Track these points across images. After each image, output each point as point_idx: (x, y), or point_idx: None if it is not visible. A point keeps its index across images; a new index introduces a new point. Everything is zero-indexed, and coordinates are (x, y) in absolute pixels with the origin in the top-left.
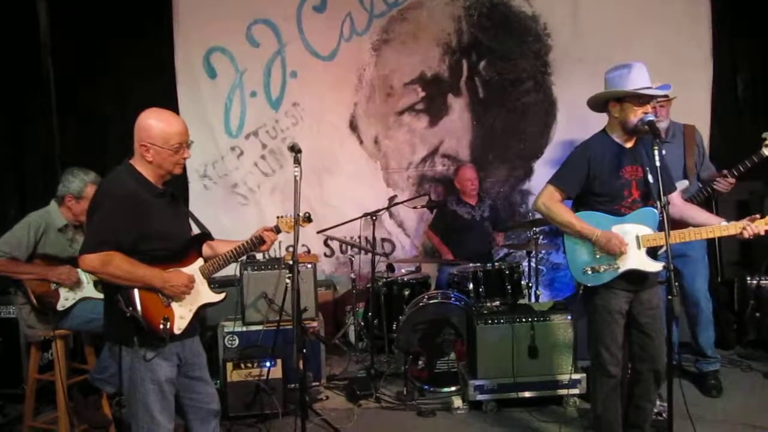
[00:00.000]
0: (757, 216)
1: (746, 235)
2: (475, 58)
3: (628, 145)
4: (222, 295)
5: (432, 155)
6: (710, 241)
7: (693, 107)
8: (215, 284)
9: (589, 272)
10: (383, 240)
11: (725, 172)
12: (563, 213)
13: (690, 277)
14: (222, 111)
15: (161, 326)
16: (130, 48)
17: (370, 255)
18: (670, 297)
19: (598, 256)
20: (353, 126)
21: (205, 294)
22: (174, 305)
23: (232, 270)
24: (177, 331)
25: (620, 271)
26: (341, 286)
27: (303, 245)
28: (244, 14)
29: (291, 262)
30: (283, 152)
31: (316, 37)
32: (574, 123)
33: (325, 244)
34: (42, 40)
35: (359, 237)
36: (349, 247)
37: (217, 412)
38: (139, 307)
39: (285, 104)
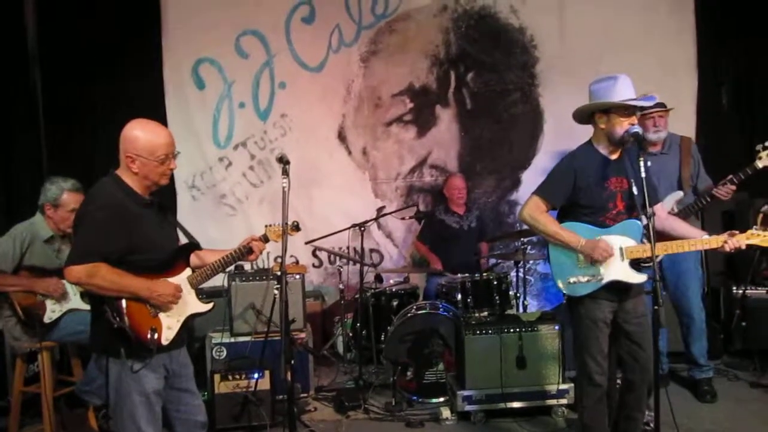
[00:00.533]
0: (736, 232)
1: (727, 248)
2: (462, 70)
3: (614, 156)
4: (210, 305)
5: (420, 166)
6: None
7: (679, 117)
8: (203, 294)
9: (573, 282)
10: (371, 251)
11: (731, 177)
12: (548, 223)
13: (683, 288)
14: (210, 122)
15: (149, 337)
16: (119, 59)
17: (358, 266)
18: (656, 307)
19: (581, 267)
20: (342, 137)
21: (192, 304)
22: (161, 316)
23: (220, 281)
24: (164, 341)
25: (603, 282)
26: (329, 297)
27: (291, 256)
28: (232, 25)
29: (279, 273)
30: (271, 163)
31: (304, 48)
32: (561, 134)
33: (314, 254)
34: (30, 50)
35: (348, 248)
36: (337, 258)
37: (204, 423)
38: (126, 318)
39: (273, 115)
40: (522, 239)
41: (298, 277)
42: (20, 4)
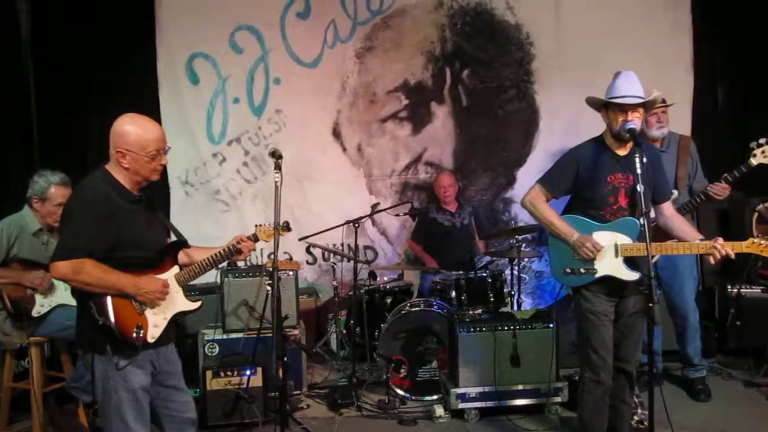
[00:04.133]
0: (720, 239)
1: (713, 261)
2: (458, 67)
3: (621, 152)
4: (197, 304)
5: (415, 163)
6: None
7: (674, 117)
8: (195, 292)
9: (568, 272)
10: (366, 247)
11: (725, 175)
12: (546, 213)
13: (678, 288)
14: (204, 117)
15: (134, 334)
16: (112, 51)
17: (352, 263)
18: (650, 305)
19: (575, 259)
20: (336, 133)
21: (180, 302)
22: (148, 313)
23: (212, 277)
24: (150, 339)
25: (597, 275)
26: (323, 294)
27: (285, 252)
28: (227, 20)
29: (272, 269)
30: (265, 159)
31: (299, 43)
32: (557, 131)
33: (308, 251)
34: (23, 41)
35: (342, 244)
36: (331, 255)
37: (194, 420)
38: (111, 315)
39: (268, 111)
40: (517, 236)
41: (291, 273)
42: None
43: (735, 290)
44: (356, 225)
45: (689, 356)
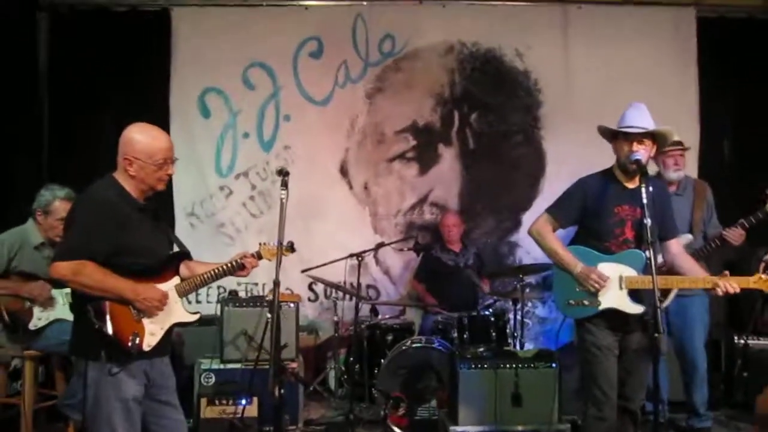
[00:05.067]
0: (727, 273)
1: (719, 292)
2: (466, 110)
3: (630, 185)
4: (196, 316)
5: (421, 203)
6: None
7: None
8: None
9: (572, 304)
10: (368, 287)
11: (741, 221)
12: (552, 242)
13: (689, 335)
14: (213, 150)
15: (130, 341)
16: (126, 84)
17: (353, 301)
18: (656, 335)
19: (579, 290)
20: (344, 171)
21: (178, 312)
22: (145, 321)
23: (212, 309)
24: (146, 347)
25: (600, 308)
26: (323, 332)
27: (287, 288)
28: (241, 57)
29: (273, 290)
30: (272, 194)
31: (311, 82)
32: (564, 177)
33: (310, 288)
34: (40, 71)
35: (344, 282)
36: (333, 292)
37: None
38: (108, 320)
39: (277, 146)
40: (521, 276)
41: (292, 305)
42: (34, 28)
43: (741, 341)
44: (360, 258)
45: (696, 405)
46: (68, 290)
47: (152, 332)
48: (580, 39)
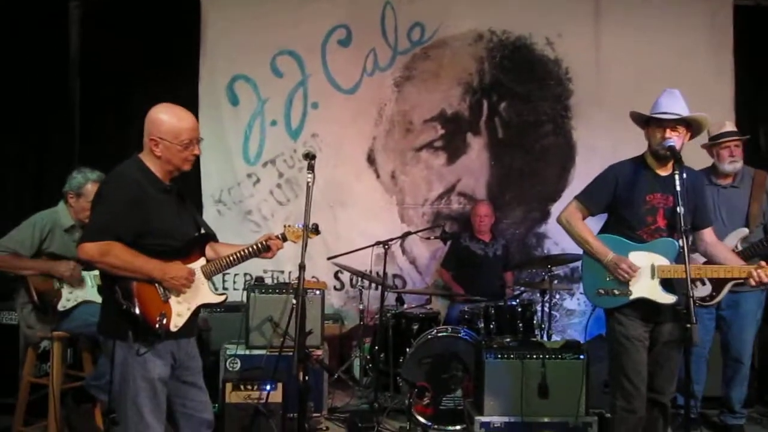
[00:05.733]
0: (763, 263)
1: (753, 282)
2: (495, 99)
3: (662, 172)
4: (222, 297)
5: (448, 193)
6: None
7: (708, 159)
8: (219, 309)
9: (601, 293)
10: (394, 276)
11: None
12: (582, 230)
13: (738, 330)
14: (241, 138)
15: (157, 322)
16: (156, 71)
17: (379, 290)
18: (688, 325)
19: (609, 279)
20: (371, 159)
21: (204, 293)
22: (172, 301)
23: (238, 296)
24: (173, 328)
25: (631, 297)
26: (348, 321)
27: (312, 276)
28: (269, 45)
29: (298, 275)
30: (299, 182)
31: (339, 70)
32: (593, 167)
33: (335, 277)
34: (71, 60)
35: (370, 271)
36: (359, 280)
37: (211, 422)
38: (135, 300)
39: (304, 134)
40: (549, 267)
41: (318, 293)
42: (65, 17)
43: None
44: (386, 246)
45: (732, 401)
46: (97, 272)
47: (179, 313)
48: (613, 27)
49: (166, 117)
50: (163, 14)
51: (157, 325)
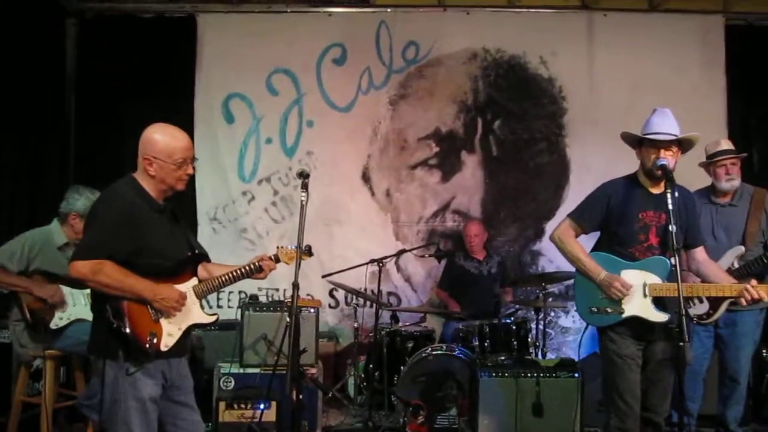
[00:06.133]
0: (754, 281)
1: (744, 302)
2: (490, 117)
3: (654, 190)
4: (213, 317)
5: (443, 210)
6: None
7: (708, 178)
8: (214, 327)
9: (595, 311)
10: (389, 294)
11: None
12: (574, 248)
13: (735, 349)
14: (236, 155)
15: (147, 341)
16: (152, 89)
17: (374, 307)
18: (681, 344)
19: (602, 297)
20: (366, 177)
21: (196, 314)
22: (163, 321)
23: (233, 314)
24: (164, 348)
25: (624, 315)
26: (343, 339)
27: (307, 294)
28: (265, 63)
29: (292, 293)
30: (294, 200)
31: (334, 88)
32: (587, 185)
33: (330, 295)
34: (68, 77)
35: (365, 289)
36: (353, 298)
37: None
38: (126, 319)
39: (299, 152)
40: (543, 284)
41: (312, 311)
42: (62, 34)
43: None
44: (381, 264)
45: (728, 420)
46: (89, 290)
47: (170, 333)
48: (606, 46)
49: (160, 136)
50: (159, 32)
51: (147, 345)
